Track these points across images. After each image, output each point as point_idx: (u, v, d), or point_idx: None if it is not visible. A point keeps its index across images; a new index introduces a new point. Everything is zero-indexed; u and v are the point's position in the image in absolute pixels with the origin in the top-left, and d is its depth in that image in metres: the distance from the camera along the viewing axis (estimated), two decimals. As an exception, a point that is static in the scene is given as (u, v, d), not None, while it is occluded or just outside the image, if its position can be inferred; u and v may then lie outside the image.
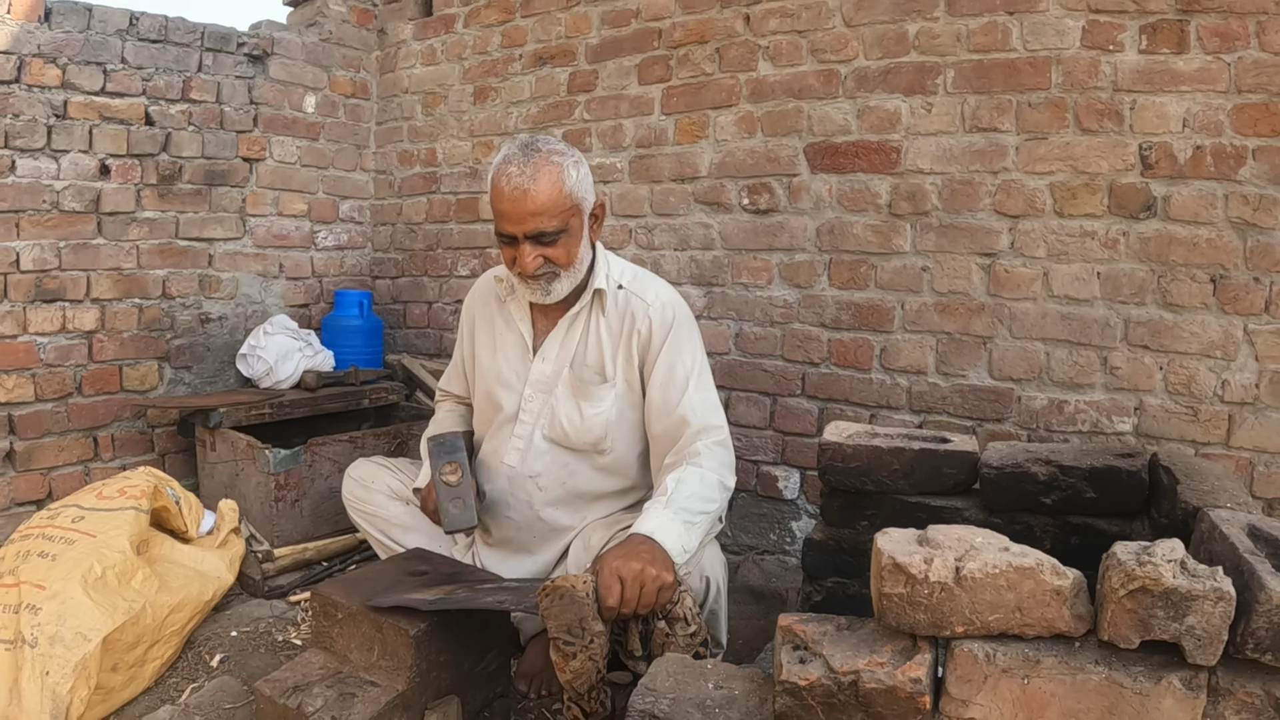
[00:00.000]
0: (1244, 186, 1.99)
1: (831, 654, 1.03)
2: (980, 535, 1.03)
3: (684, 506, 1.61)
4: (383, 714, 1.43)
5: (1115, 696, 0.97)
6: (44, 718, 1.59)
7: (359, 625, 1.56)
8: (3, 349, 2.66)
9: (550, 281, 1.80)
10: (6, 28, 2.57)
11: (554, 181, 1.71)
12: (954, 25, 2.26)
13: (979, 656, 0.99)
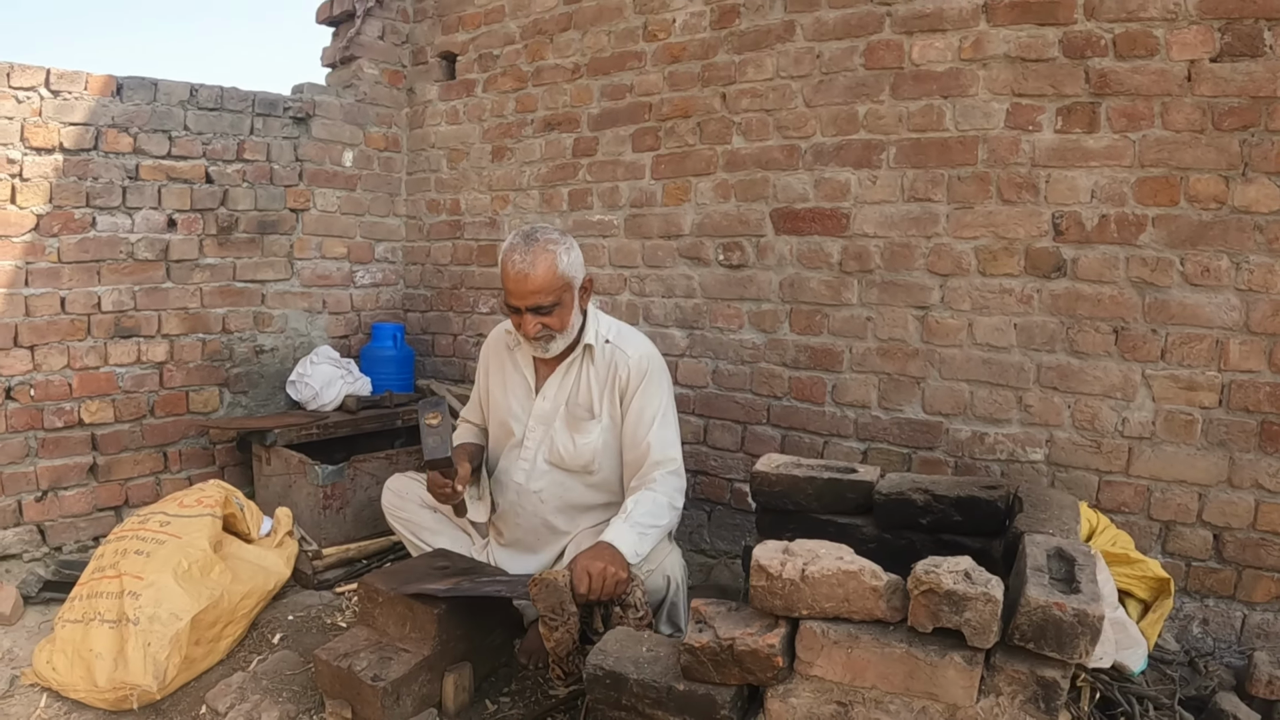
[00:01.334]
0: (1143, 250, 2.38)
1: (719, 626, 1.49)
2: (825, 547, 1.47)
3: (639, 521, 2.08)
4: (412, 673, 1.93)
5: (913, 665, 1.40)
6: (148, 678, 2.09)
7: (395, 607, 2.06)
8: (88, 379, 3.18)
9: (548, 342, 2.29)
10: (84, 102, 3.09)
11: (549, 266, 2.18)
12: (897, 108, 2.68)
13: (818, 632, 1.43)
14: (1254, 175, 2.24)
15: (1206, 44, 2.27)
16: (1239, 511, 2.33)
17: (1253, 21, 2.22)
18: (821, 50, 2.78)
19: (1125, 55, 2.35)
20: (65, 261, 3.08)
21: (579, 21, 3.35)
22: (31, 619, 2.68)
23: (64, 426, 3.11)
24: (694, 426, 3.13)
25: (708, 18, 3.01)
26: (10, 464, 3.00)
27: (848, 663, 1.42)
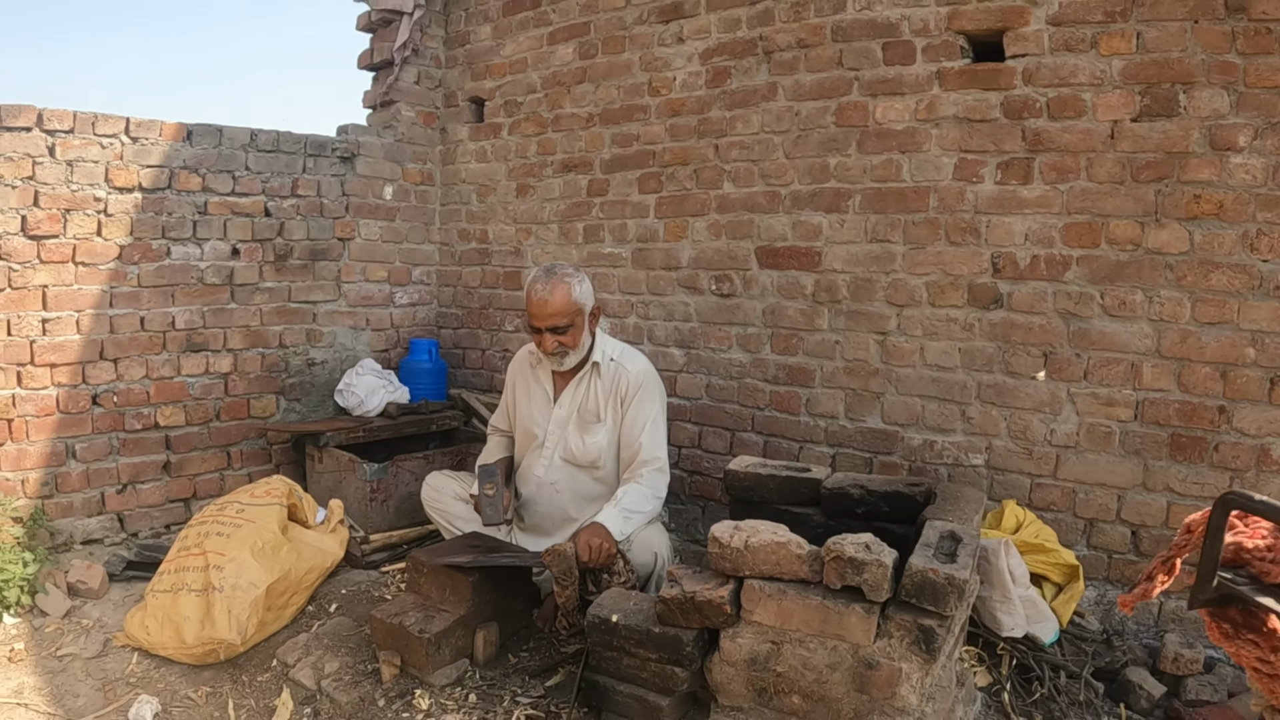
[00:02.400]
0: (1069, 286, 2.81)
1: (685, 583, 1.95)
2: (765, 526, 1.93)
3: (626, 508, 2.58)
4: (450, 629, 2.43)
5: (827, 613, 1.85)
6: (232, 634, 2.58)
7: (436, 576, 2.55)
8: (163, 387, 3.69)
9: (563, 356, 2.78)
10: (159, 147, 3.60)
11: (565, 294, 2.68)
12: (862, 160, 3.13)
13: (757, 588, 1.89)
14: (1166, 221, 2.64)
15: (1128, 106, 2.68)
16: (1153, 511, 2.74)
17: (1169, 85, 2.62)
18: (799, 109, 3.24)
19: (1057, 116, 2.78)
20: (144, 286, 3.59)
21: (592, 75, 3.83)
22: (116, 593, 3.17)
23: (142, 429, 3.62)
24: (690, 433, 3.60)
25: (703, 77, 3.48)
26: (96, 461, 3.51)
27: (779, 611, 1.87)
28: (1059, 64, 2.77)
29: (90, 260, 3.44)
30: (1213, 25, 2.56)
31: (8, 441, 3.28)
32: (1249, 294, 2.56)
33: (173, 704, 2.52)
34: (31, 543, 3.19)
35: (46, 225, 3.32)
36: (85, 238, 3.42)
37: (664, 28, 3.58)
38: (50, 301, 3.36)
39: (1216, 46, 2.56)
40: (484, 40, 4.27)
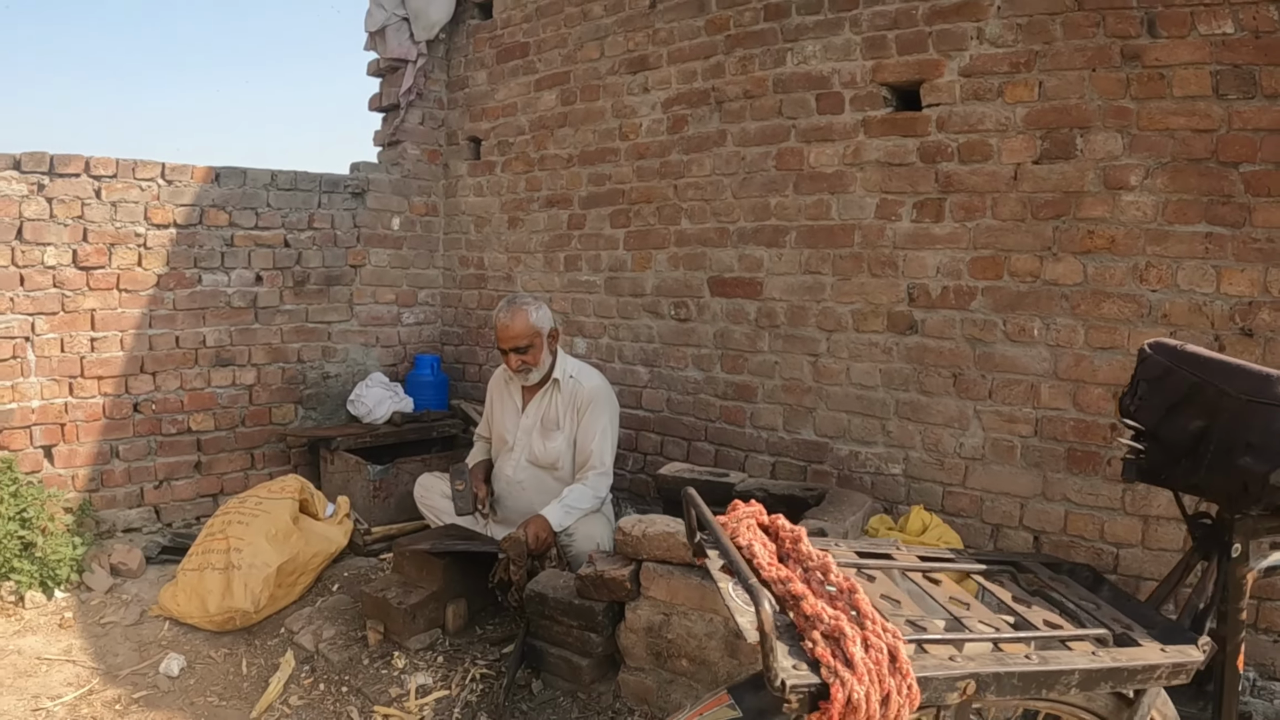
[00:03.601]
0: (974, 314, 3.16)
1: (599, 564, 2.37)
2: (662, 519, 2.33)
3: (568, 504, 3.00)
4: (424, 602, 2.88)
5: (705, 591, 2.24)
6: (248, 604, 3.05)
7: (415, 559, 3.01)
8: (196, 396, 4.18)
9: (526, 373, 3.21)
10: (191, 188, 4.09)
11: (524, 320, 3.12)
12: (797, 200, 3.51)
13: (651, 569, 2.29)
14: (1062, 255, 2.95)
15: (1030, 150, 2.98)
16: (1052, 519, 3.03)
17: (1068, 130, 2.91)
18: (745, 153, 3.63)
19: (966, 160, 3.11)
20: (179, 309, 4.09)
21: (572, 120, 4.26)
22: (152, 573, 3.66)
23: (176, 433, 4.12)
24: (654, 442, 4.00)
25: (665, 124, 3.89)
26: (136, 460, 4.01)
27: (669, 588, 2.27)
28: (969, 112, 3.10)
29: (132, 287, 3.95)
30: (1109, 73, 2.84)
31: (60, 442, 3.79)
32: (1138, 321, 2.86)
33: (196, 661, 3.00)
34: (79, 529, 3.69)
35: (94, 258, 3.83)
36: (127, 268, 3.92)
37: (632, 78, 4.00)
38: (98, 323, 3.87)
39: (1112, 93, 2.84)
40: (480, 85, 4.73)
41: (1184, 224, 2.76)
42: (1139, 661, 1.14)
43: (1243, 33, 2.64)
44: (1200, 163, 2.72)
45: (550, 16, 4.33)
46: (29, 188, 3.66)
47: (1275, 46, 2.59)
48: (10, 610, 3.31)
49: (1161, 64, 2.77)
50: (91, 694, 2.81)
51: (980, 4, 3.06)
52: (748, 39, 3.60)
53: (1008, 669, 1.08)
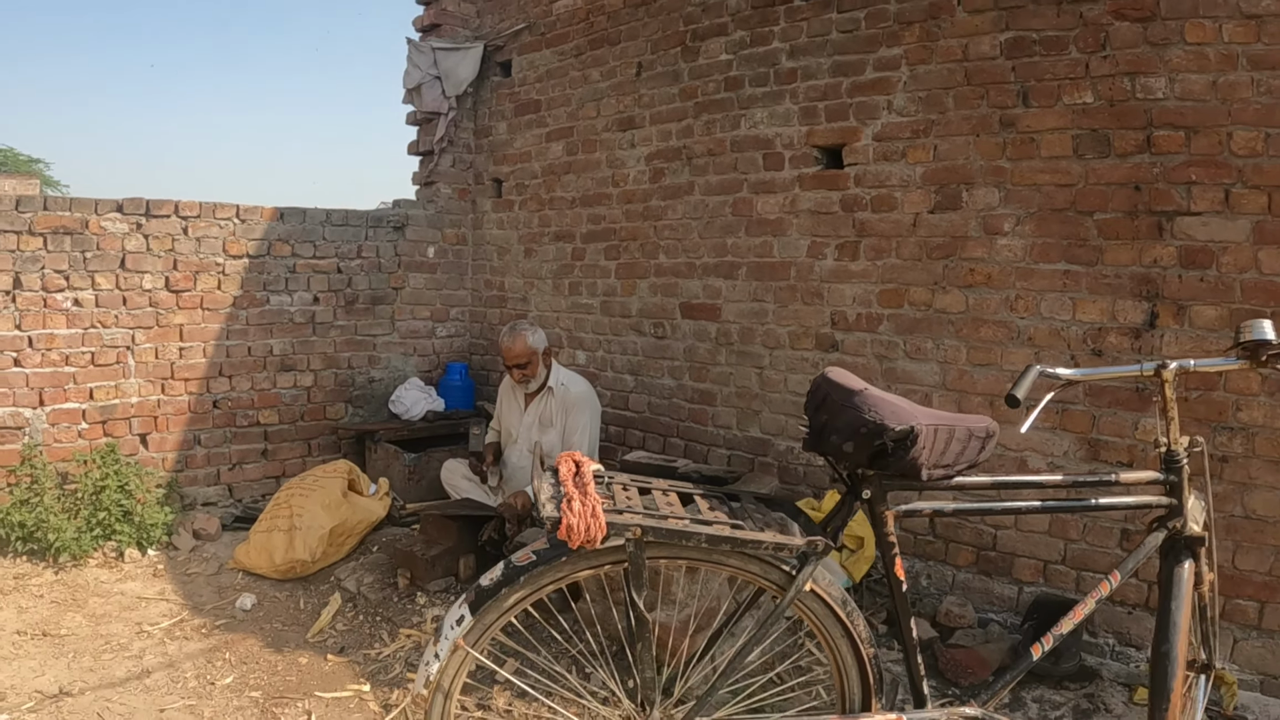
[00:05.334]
0: (881, 335, 3.79)
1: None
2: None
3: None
4: (441, 555, 3.65)
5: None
6: (306, 555, 3.86)
7: (436, 521, 3.79)
8: (264, 396, 5.02)
9: (525, 383, 3.97)
10: (260, 225, 4.93)
11: (522, 343, 3.88)
12: (748, 241, 4.19)
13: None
14: (949, 288, 3.56)
15: (926, 202, 3.59)
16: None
17: (955, 185, 3.52)
18: (708, 201, 4.33)
19: (877, 210, 3.75)
20: (250, 324, 4.93)
21: (575, 168, 5.01)
22: (226, 538, 4.47)
23: (248, 425, 4.97)
24: (638, 437, 4.72)
25: (647, 174, 4.61)
26: (214, 447, 4.87)
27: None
28: (879, 170, 3.74)
29: (213, 306, 4.81)
30: (990, 138, 3.43)
31: (153, 431, 4.66)
32: (1009, 343, 3.48)
33: (264, 600, 3.82)
34: (168, 501, 4.54)
35: (182, 283, 4.69)
36: (209, 291, 4.78)
37: (623, 134, 4.74)
38: (185, 335, 4.73)
39: (991, 154, 3.42)
40: (502, 135, 5.51)
41: (1047, 263, 3.35)
42: (749, 536, 1.83)
43: (1100, 101, 3.19)
44: (1061, 212, 3.30)
45: (557, 79, 5.10)
46: (129, 226, 4.55)
47: (1126, 113, 3.14)
48: (113, 564, 4.17)
49: (1032, 130, 3.34)
50: (182, 622, 3.63)
51: (891, 81, 3.72)
52: (712, 106, 4.31)
53: (658, 525, 1.79)
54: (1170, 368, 2.09)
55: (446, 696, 1.93)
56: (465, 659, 1.91)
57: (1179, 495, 2.14)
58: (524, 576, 1.88)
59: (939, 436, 1.88)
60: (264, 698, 3.05)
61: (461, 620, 1.87)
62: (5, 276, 4.27)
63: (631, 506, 1.86)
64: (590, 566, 1.90)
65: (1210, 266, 3.03)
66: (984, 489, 2.07)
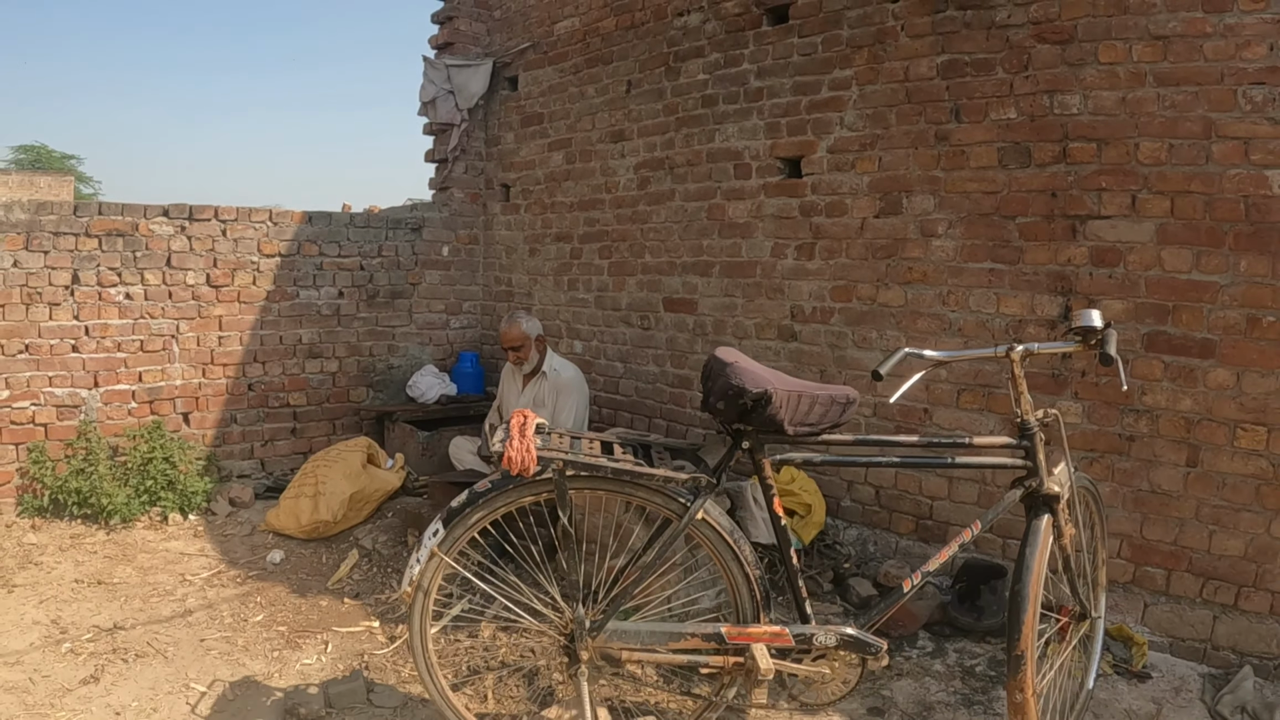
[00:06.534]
0: (833, 327, 4.17)
1: None
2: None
3: None
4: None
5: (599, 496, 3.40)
6: (329, 516, 4.34)
7: (442, 487, 4.20)
8: (294, 380, 5.53)
9: (521, 365, 4.42)
10: (290, 227, 5.41)
11: (517, 329, 4.32)
12: (720, 242, 4.61)
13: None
14: (891, 285, 3.94)
15: (872, 208, 3.97)
16: (886, 477, 4.01)
17: (897, 193, 3.88)
18: (687, 207, 4.76)
19: (830, 215, 4.14)
20: (282, 316, 5.45)
21: (574, 176, 5.46)
22: (259, 506, 4.98)
23: (279, 406, 5.49)
24: (626, 419, 5.15)
25: (635, 182, 5.05)
26: (249, 425, 5.39)
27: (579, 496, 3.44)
28: (833, 179, 4.13)
29: (248, 300, 5.33)
30: (926, 150, 3.78)
31: (194, 410, 5.19)
32: (942, 334, 3.85)
33: (291, 556, 4.32)
34: (207, 472, 5.06)
35: (222, 279, 5.22)
36: (245, 286, 5.31)
37: (614, 145, 5.18)
38: (224, 325, 5.26)
39: (928, 165, 3.77)
40: (510, 144, 5.98)
41: (975, 262, 3.71)
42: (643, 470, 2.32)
43: (1022, 117, 3.53)
44: (988, 216, 3.65)
45: (558, 94, 5.55)
46: (174, 228, 5.08)
47: (1045, 127, 3.47)
48: (158, 526, 4.70)
49: (963, 143, 3.69)
50: (219, 573, 4.14)
51: (842, 99, 4.11)
52: (690, 121, 4.73)
53: (575, 459, 2.29)
54: (1017, 350, 2.48)
55: (425, 594, 2.46)
56: (440, 564, 2.40)
57: (1034, 458, 2.53)
58: (482, 499, 2.41)
59: (801, 401, 2.32)
60: (289, 631, 3.55)
61: (437, 533, 2.38)
62: (64, 274, 4.81)
63: (560, 448, 2.33)
64: (532, 494, 2.43)
65: (1118, 265, 3.37)
66: (847, 445, 2.49)
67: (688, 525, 2.39)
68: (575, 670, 2.44)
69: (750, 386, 2.28)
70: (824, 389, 2.40)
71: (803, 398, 2.33)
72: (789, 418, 2.32)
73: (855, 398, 2.45)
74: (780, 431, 2.35)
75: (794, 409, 2.32)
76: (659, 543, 2.43)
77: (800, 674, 2.48)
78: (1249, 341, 3.11)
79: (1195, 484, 3.23)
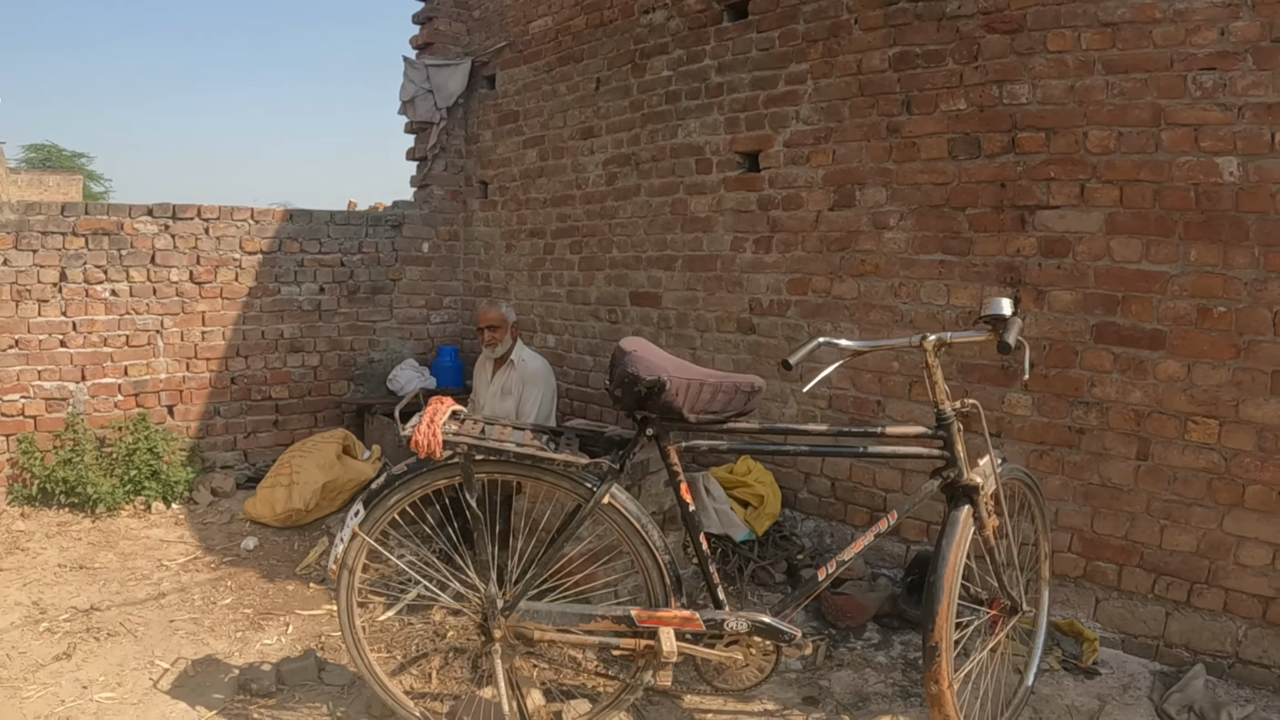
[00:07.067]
0: (789, 319, 4.11)
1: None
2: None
3: None
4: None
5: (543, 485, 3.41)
6: (300, 504, 4.36)
7: None
8: (276, 374, 5.56)
9: (493, 347, 4.40)
10: (272, 225, 5.44)
11: (496, 311, 4.30)
12: (682, 237, 4.58)
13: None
14: (845, 277, 3.89)
15: (827, 201, 3.92)
16: (842, 469, 3.97)
17: (850, 185, 3.84)
18: (652, 202, 4.74)
19: (787, 208, 4.10)
20: (264, 312, 5.48)
21: (547, 172, 5.45)
22: (240, 495, 5.01)
23: (261, 399, 5.52)
24: (596, 412, 5.15)
25: (604, 178, 5.03)
26: (232, 418, 5.42)
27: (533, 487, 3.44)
28: (789, 173, 4.09)
29: (231, 296, 5.37)
30: (878, 143, 3.73)
31: (179, 403, 5.24)
32: (894, 325, 3.76)
33: (265, 542, 4.36)
34: (190, 463, 5.11)
35: (205, 275, 5.27)
36: (228, 282, 5.35)
37: (584, 142, 5.16)
38: (207, 321, 5.31)
39: (880, 157, 3.73)
40: (488, 142, 5.98)
41: (926, 254, 3.66)
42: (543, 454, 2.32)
43: (971, 108, 3.47)
44: (938, 208, 3.60)
45: (532, 92, 5.55)
46: (158, 227, 5.13)
47: (995, 118, 3.41)
48: (141, 514, 4.76)
49: (914, 135, 3.64)
50: (195, 559, 4.17)
51: (798, 94, 4.07)
52: (655, 117, 4.71)
53: (478, 443, 2.30)
54: (930, 339, 2.45)
55: (351, 572, 2.51)
56: (363, 544, 2.43)
57: (951, 448, 2.49)
58: (398, 482, 2.48)
59: (703, 389, 2.30)
60: (254, 613, 3.61)
61: (358, 514, 2.41)
62: (53, 271, 4.88)
63: (469, 433, 2.34)
64: (445, 477, 2.46)
65: (1067, 255, 3.30)
66: (753, 433, 2.48)
67: (594, 509, 2.39)
68: (490, 648, 2.47)
69: (644, 374, 2.27)
70: (728, 378, 2.39)
71: (704, 386, 2.32)
72: (688, 405, 2.31)
73: (760, 386, 2.44)
74: (682, 419, 2.34)
75: (693, 397, 2.31)
76: (570, 526, 2.44)
77: (713, 659, 2.48)
78: (1199, 332, 3.03)
79: (1146, 478, 3.15)
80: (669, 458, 2.41)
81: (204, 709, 2.84)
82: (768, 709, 2.97)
